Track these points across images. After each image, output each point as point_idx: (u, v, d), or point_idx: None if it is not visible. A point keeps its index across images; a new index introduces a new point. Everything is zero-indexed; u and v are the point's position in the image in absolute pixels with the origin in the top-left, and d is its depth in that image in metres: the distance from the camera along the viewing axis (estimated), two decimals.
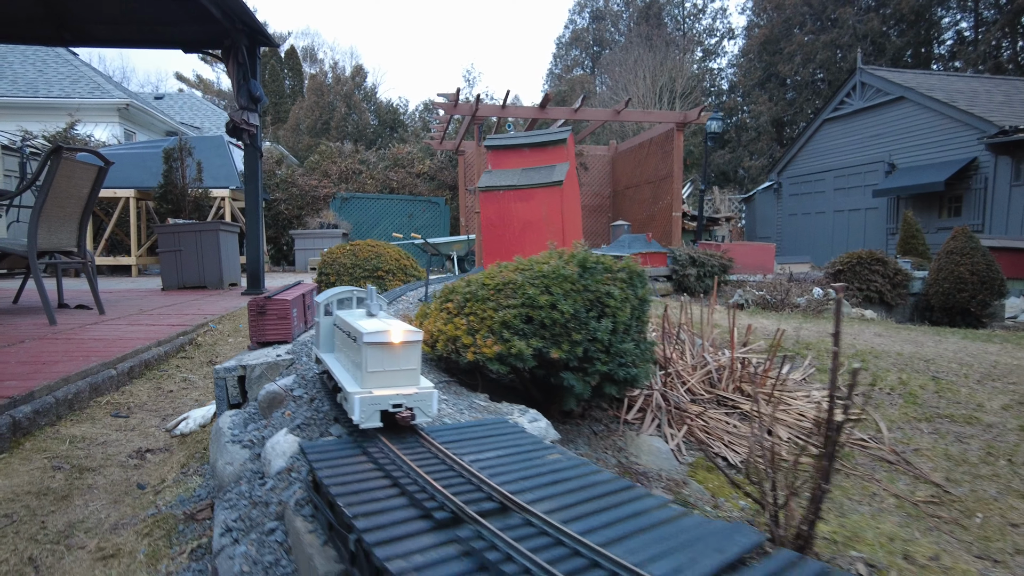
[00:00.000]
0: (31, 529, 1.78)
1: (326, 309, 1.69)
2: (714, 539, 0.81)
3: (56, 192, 4.34)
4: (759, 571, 0.72)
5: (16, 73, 16.95)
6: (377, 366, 1.26)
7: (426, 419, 1.31)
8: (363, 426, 1.22)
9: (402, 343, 1.29)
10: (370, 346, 1.25)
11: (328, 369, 1.54)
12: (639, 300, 2.07)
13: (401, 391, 1.27)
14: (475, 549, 0.74)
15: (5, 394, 2.48)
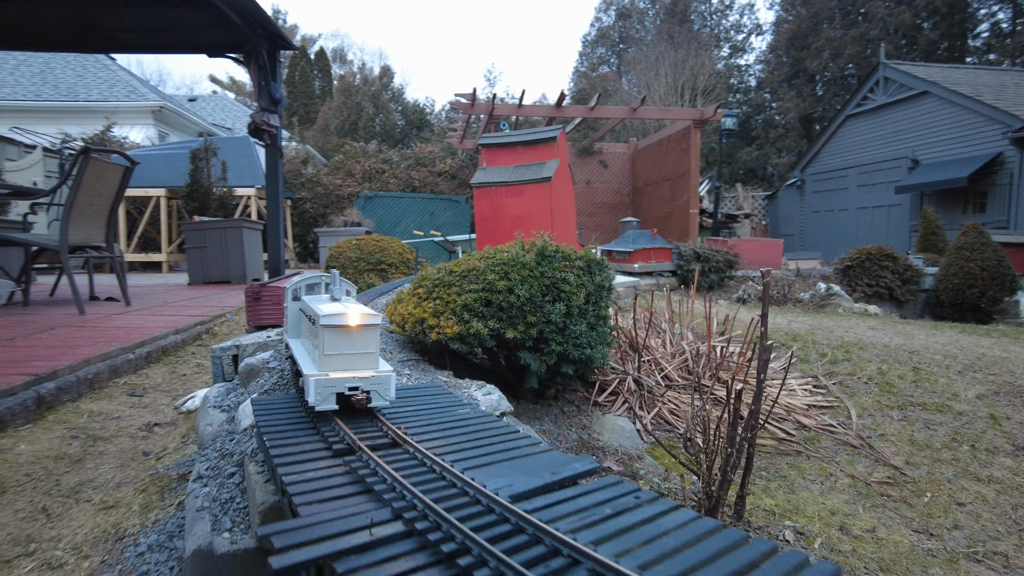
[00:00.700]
0: (47, 485, 2.01)
1: (294, 294, 1.69)
2: (555, 465, 0.97)
3: (85, 190, 4.64)
4: (585, 488, 0.87)
5: (58, 79, 17.67)
6: (334, 349, 1.25)
7: (383, 402, 1.28)
8: (318, 408, 1.21)
9: (359, 326, 1.28)
10: (327, 328, 1.24)
11: (292, 353, 1.54)
12: (596, 287, 2.22)
13: (358, 374, 1.25)
14: (353, 468, 0.91)
15: (31, 372, 2.74)
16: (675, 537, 0.72)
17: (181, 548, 1.52)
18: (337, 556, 0.68)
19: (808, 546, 1.81)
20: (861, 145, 13.91)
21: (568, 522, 0.74)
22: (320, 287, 1.70)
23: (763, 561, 0.68)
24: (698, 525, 0.76)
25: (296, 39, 46.15)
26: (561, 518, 0.76)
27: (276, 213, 7.46)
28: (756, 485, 2.27)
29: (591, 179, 14.77)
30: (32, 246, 4.77)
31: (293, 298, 1.69)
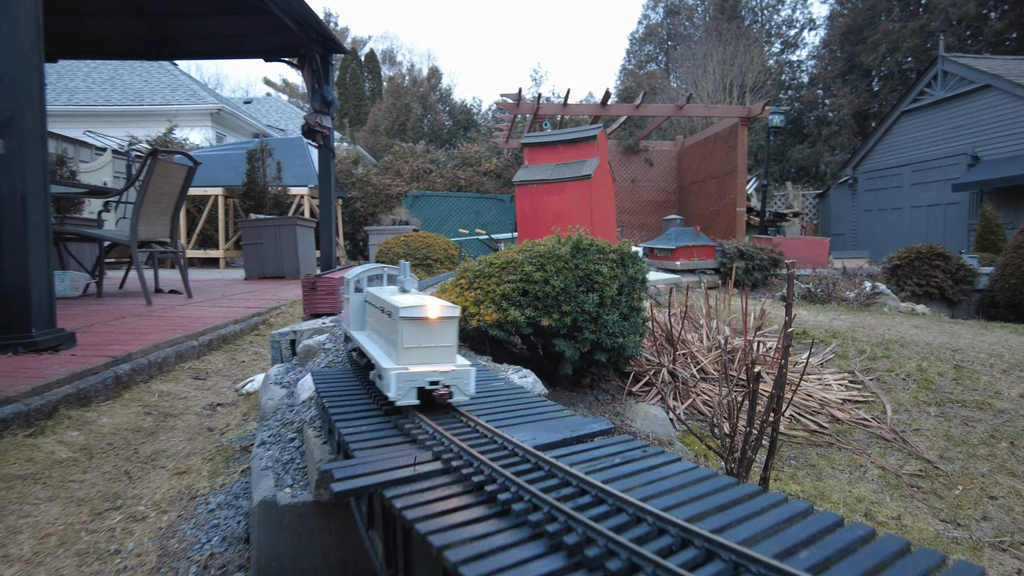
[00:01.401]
0: (127, 453, 2.23)
1: (356, 286, 1.67)
2: (575, 425, 1.09)
3: (153, 189, 4.96)
4: (600, 443, 0.99)
5: (126, 84, 18.62)
6: (413, 342, 1.21)
7: (463, 398, 1.24)
8: (399, 403, 1.16)
9: (439, 318, 1.24)
10: (406, 321, 1.21)
11: (360, 346, 1.50)
12: (629, 278, 2.32)
13: (438, 368, 1.22)
14: (399, 424, 1.05)
15: (110, 355, 3.00)
16: (673, 480, 0.83)
17: (245, 507, 1.70)
18: (385, 485, 0.81)
19: None
20: (917, 142, 13.46)
21: (582, 467, 0.86)
22: (382, 279, 1.67)
23: (746, 499, 0.79)
24: (696, 472, 0.87)
25: (347, 42, 47.20)
26: (577, 464, 0.88)
27: (328, 211, 7.76)
28: (784, 473, 2.33)
29: (636, 177, 14.74)
30: (105, 241, 5.13)
31: (355, 289, 1.67)
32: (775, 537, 0.69)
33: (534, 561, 0.64)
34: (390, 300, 1.32)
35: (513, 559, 0.64)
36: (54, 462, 2.11)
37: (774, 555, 0.63)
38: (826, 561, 0.64)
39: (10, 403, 2.28)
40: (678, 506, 0.75)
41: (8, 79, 2.89)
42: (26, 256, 2.91)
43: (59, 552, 1.56)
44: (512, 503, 0.73)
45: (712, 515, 0.74)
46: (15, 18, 2.86)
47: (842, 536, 0.70)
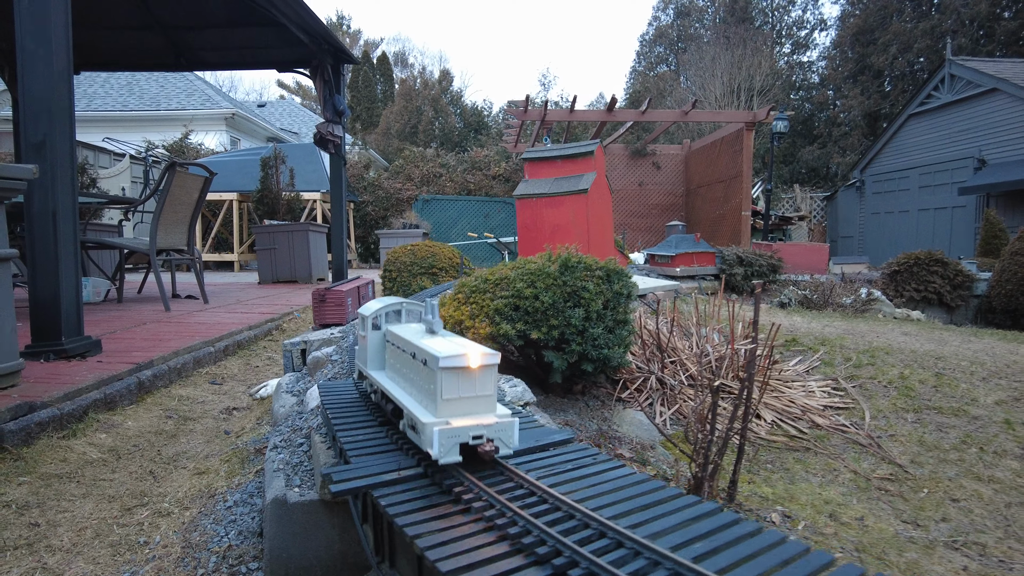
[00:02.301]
0: (151, 454, 2.43)
1: (374, 323, 1.58)
2: (540, 436, 1.26)
3: (171, 199, 5.19)
4: (558, 451, 1.17)
5: (143, 89, 19.00)
6: (453, 393, 1.15)
7: (508, 451, 1.16)
8: (443, 461, 1.09)
9: (480, 367, 1.17)
10: (446, 371, 1.14)
11: (382, 389, 1.40)
12: (614, 294, 2.49)
13: (481, 420, 1.15)
14: (390, 433, 1.23)
15: (133, 361, 3.21)
16: (612, 484, 1.00)
17: (259, 504, 1.89)
18: (375, 486, 0.99)
19: (792, 528, 2.03)
20: (924, 145, 13.49)
21: (535, 473, 1.04)
22: (401, 314, 1.60)
23: (669, 500, 0.96)
24: (633, 478, 1.04)
25: (359, 44, 47.61)
26: (532, 470, 1.05)
27: (339, 217, 7.98)
28: (759, 476, 2.49)
29: (644, 181, 14.87)
30: (126, 249, 5.37)
31: (373, 327, 1.58)
32: (680, 531, 0.86)
33: (479, 536, 0.81)
34: (423, 346, 1.23)
35: (468, 544, 0.81)
36: (86, 462, 2.32)
37: (671, 547, 0.80)
38: (715, 550, 0.81)
39: (45, 408, 2.49)
40: (608, 506, 0.92)
41: (43, 104, 3.11)
42: (56, 269, 3.12)
43: (95, 543, 1.76)
44: (473, 502, 0.91)
45: (635, 513, 0.91)
46: (49, 47, 3.08)
47: (737, 530, 0.87)
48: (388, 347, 1.55)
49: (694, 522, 0.88)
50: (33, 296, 3.14)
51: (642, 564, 0.75)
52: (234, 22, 7.02)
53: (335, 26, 48.05)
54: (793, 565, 0.78)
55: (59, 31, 3.10)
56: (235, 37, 7.44)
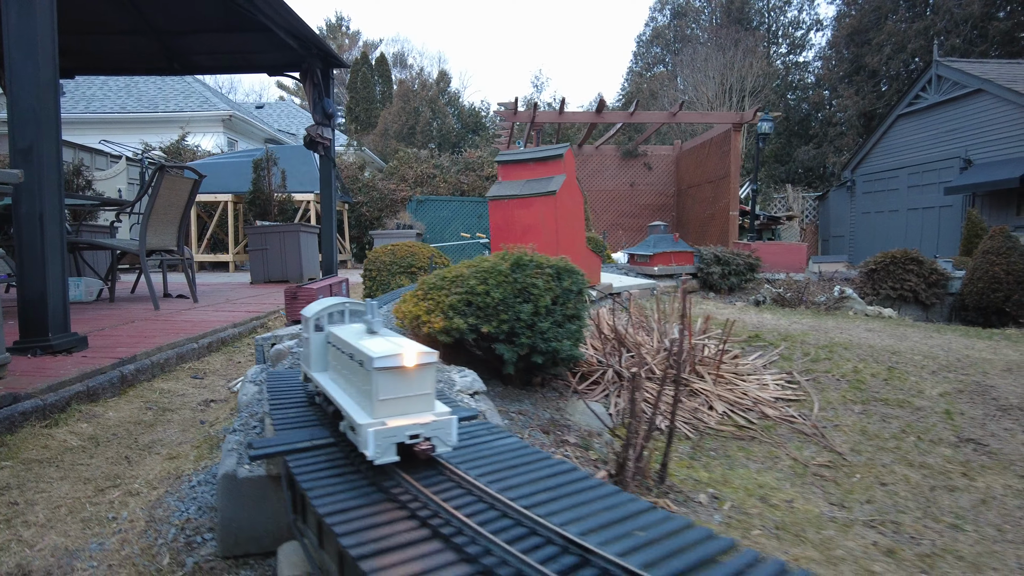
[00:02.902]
0: (128, 442, 2.59)
1: (316, 324, 1.57)
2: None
3: (160, 202, 5.35)
4: (472, 424, 1.32)
5: (141, 91, 19.18)
6: (389, 393, 1.15)
7: (446, 448, 1.18)
8: (378, 462, 1.10)
9: (417, 366, 1.18)
10: (381, 371, 1.14)
11: (324, 391, 1.41)
12: (563, 290, 2.64)
13: (418, 420, 1.16)
14: (315, 411, 1.39)
15: (117, 356, 3.37)
16: (494, 449, 1.16)
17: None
18: (287, 453, 1.14)
19: (719, 508, 2.18)
20: (913, 145, 13.63)
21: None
22: (344, 315, 1.58)
23: (537, 460, 1.11)
24: (520, 445, 1.20)
25: (358, 45, 47.80)
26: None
27: (329, 218, 8.13)
28: (700, 462, 2.64)
29: (635, 181, 15.03)
30: (117, 250, 5.52)
31: (316, 328, 1.57)
32: (574, 511, 0.98)
33: (363, 488, 0.96)
34: (360, 346, 1.22)
35: (344, 496, 0.97)
36: (66, 449, 2.47)
37: (561, 524, 0.94)
38: (620, 535, 0.96)
39: (29, 399, 2.65)
40: (485, 466, 1.07)
41: (29, 112, 3.27)
42: (44, 269, 3.28)
43: (68, 519, 1.91)
44: (363, 464, 1.06)
45: (506, 471, 1.06)
46: (36, 60, 3.23)
47: (649, 517, 0.99)
48: (330, 348, 1.53)
49: (590, 503, 0.96)
50: (21, 294, 3.30)
51: (522, 532, 0.88)
52: (226, 28, 7.17)
53: (334, 27, 48.30)
54: (693, 551, 0.83)
55: (45, 45, 3.25)
56: (227, 42, 7.60)
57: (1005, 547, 2.12)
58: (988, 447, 2.90)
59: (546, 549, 0.79)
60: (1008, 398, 3.32)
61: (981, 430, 3.04)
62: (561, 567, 0.73)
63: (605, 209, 14.96)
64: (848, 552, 2.01)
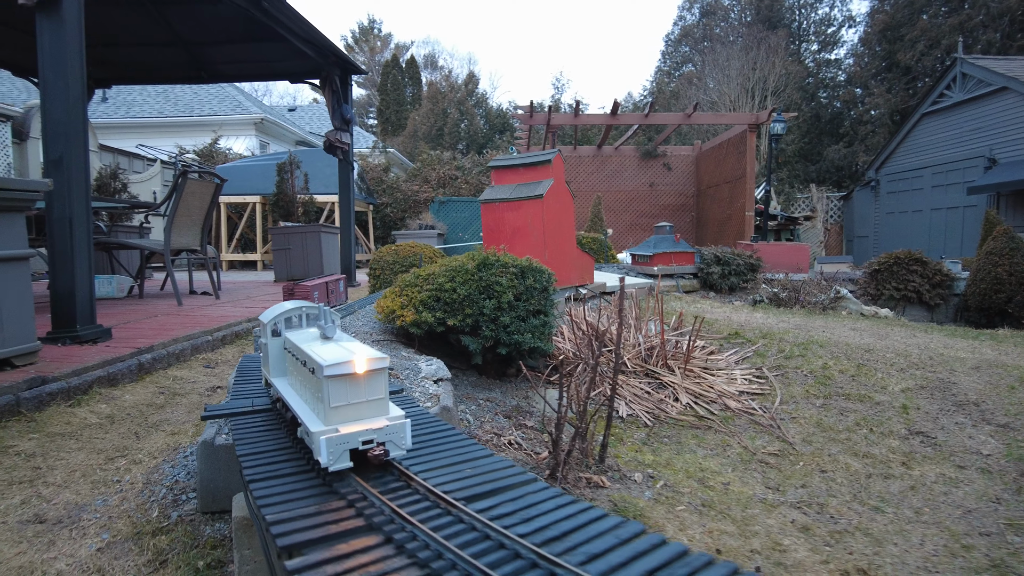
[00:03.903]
0: (139, 420, 2.92)
1: (273, 329, 1.56)
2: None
3: (183, 205, 5.74)
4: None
5: (178, 96, 19.94)
6: (341, 399, 1.16)
7: (400, 452, 1.21)
8: (332, 468, 1.13)
9: (368, 372, 1.18)
10: (332, 379, 1.15)
11: (282, 397, 1.41)
12: (527, 287, 2.89)
13: (370, 425, 1.17)
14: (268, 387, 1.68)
15: (136, 346, 3.72)
16: (419, 423, 1.42)
17: None
18: (230, 416, 1.42)
19: (652, 486, 2.40)
20: (937, 144, 13.44)
21: None
22: (301, 319, 1.58)
23: (452, 439, 1.36)
24: (433, 419, 1.45)
25: (390, 47, 48.57)
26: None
27: (347, 220, 8.50)
28: (650, 447, 2.86)
29: (655, 181, 15.11)
30: (144, 250, 5.94)
31: (273, 333, 1.57)
32: (453, 467, 1.23)
33: (282, 440, 1.23)
34: (312, 353, 1.23)
35: (253, 441, 1.23)
36: (85, 425, 2.81)
37: (478, 510, 1.19)
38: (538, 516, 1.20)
39: (56, 381, 3.00)
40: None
41: (60, 126, 3.64)
42: (72, 267, 3.65)
43: (80, 481, 2.23)
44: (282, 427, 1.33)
45: (424, 447, 1.31)
46: (66, 79, 3.60)
47: (571, 508, 1.22)
48: (286, 354, 1.53)
49: (512, 488, 1.12)
50: (53, 290, 3.67)
51: (437, 511, 1.11)
52: (249, 38, 7.56)
53: (366, 30, 49.15)
54: (613, 534, 0.91)
55: (74, 65, 3.62)
56: (251, 52, 8.00)
57: (916, 527, 2.29)
58: (935, 439, 3.05)
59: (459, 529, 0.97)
60: (967, 394, 3.45)
61: (932, 424, 3.19)
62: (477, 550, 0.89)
63: (624, 209, 15.09)
64: (765, 528, 2.21)
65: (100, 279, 5.97)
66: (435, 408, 2.19)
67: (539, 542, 0.89)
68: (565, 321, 4.14)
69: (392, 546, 0.91)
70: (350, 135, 8.48)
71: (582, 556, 0.86)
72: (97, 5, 6.48)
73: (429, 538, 0.91)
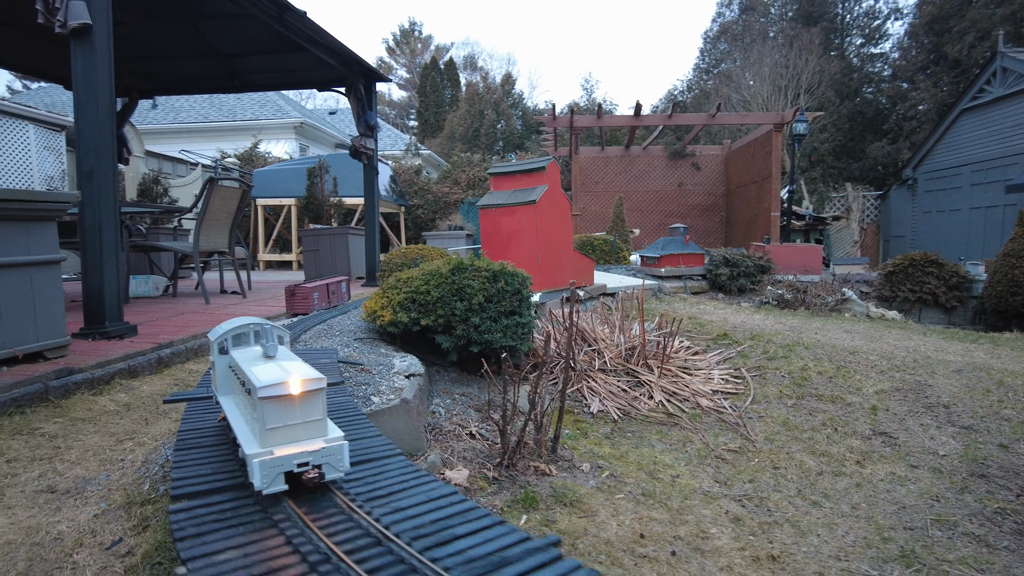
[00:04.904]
0: (152, 408, 3.24)
1: (220, 347, 1.53)
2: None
3: (212, 209, 6.14)
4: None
5: (221, 102, 20.78)
6: (276, 421, 1.15)
7: (338, 474, 1.19)
8: (267, 491, 1.11)
9: (303, 393, 1.17)
10: (267, 400, 1.14)
11: (227, 417, 1.39)
12: (498, 290, 3.10)
13: (306, 447, 1.15)
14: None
15: (157, 341, 4.08)
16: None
17: None
18: (187, 400, 1.68)
19: (598, 475, 2.58)
20: (976, 141, 13.03)
21: None
22: (248, 336, 1.55)
23: (365, 431, 1.59)
24: (354, 409, 1.68)
25: (430, 49, 49.27)
26: None
27: (372, 222, 8.84)
28: (609, 440, 3.04)
29: (684, 181, 15.08)
30: (177, 252, 6.37)
31: (220, 351, 1.55)
32: (397, 488, 1.46)
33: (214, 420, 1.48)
34: (249, 373, 1.22)
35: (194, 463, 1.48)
36: (104, 412, 3.15)
37: (386, 510, 1.43)
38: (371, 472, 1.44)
39: (81, 372, 3.35)
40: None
41: (91, 141, 4.01)
42: (101, 270, 4.02)
43: (91, 459, 2.54)
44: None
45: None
46: (96, 99, 3.97)
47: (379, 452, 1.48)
48: (232, 373, 1.50)
49: (417, 487, 1.38)
50: (85, 290, 4.05)
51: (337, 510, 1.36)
52: (277, 48, 7.95)
53: (407, 32, 49.95)
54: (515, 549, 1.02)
55: (103, 86, 3.99)
56: (279, 62, 8.41)
57: (846, 520, 2.42)
58: (896, 440, 3.14)
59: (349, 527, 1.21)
60: (940, 397, 3.51)
61: (897, 425, 3.27)
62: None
63: (652, 210, 15.11)
64: (698, 517, 2.38)
65: (137, 279, 6.43)
66: (396, 400, 2.43)
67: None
68: (557, 322, 4.33)
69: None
70: (374, 141, 8.82)
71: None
72: (140, 23, 6.98)
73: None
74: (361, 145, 8.71)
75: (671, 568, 1.97)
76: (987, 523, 2.38)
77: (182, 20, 6.95)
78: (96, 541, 1.95)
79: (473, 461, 2.47)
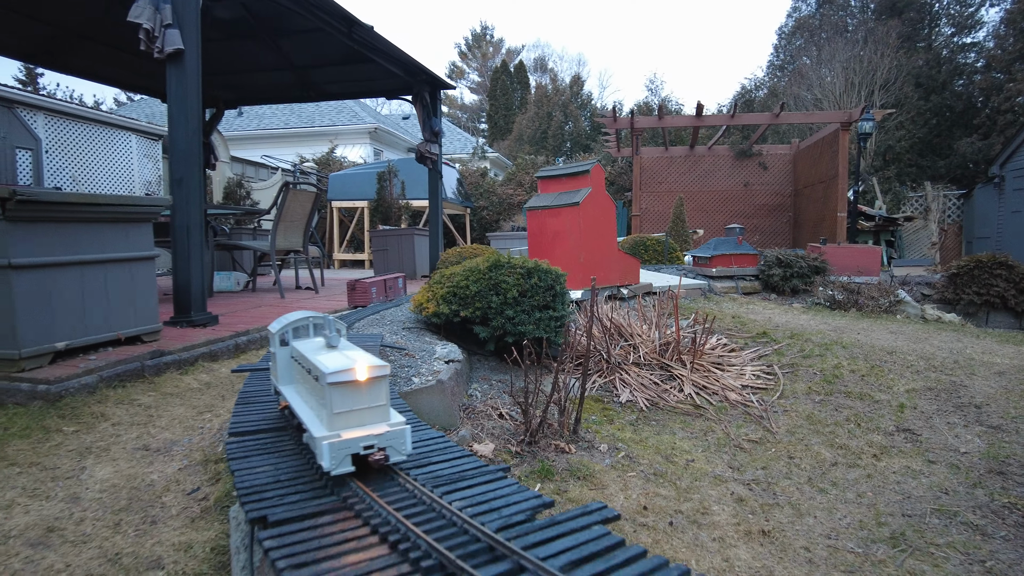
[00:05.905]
0: (228, 387, 3.69)
1: (281, 339, 1.60)
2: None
3: (287, 212, 6.69)
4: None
5: (302, 108, 21.95)
6: (344, 406, 1.20)
7: (400, 457, 1.24)
8: (335, 473, 1.16)
9: (369, 379, 1.22)
10: (335, 386, 1.19)
11: (289, 404, 1.45)
12: (531, 286, 3.37)
13: (372, 431, 1.21)
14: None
15: (235, 330, 4.58)
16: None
17: None
18: (251, 370, 2.03)
19: (614, 456, 2.81)
20: None
21: None
22: (308, 329, 1.63)
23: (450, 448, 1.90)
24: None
25: (501, 52, 49.94)
26: None
27: (435, 224, 9.29)
28: (633, 426, 3.25)
29: (750, 181, 14.85)
30: (256, 250, 6.97)
31: (281, 343, 1.62)
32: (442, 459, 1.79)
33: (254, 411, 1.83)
34: (315, 361, 1.28)
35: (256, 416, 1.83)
36: (189, 389, 3.63)
37: (431, 478, 1.75)
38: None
39: (171, 354, 3.86)
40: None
41: (182, 153, 4.55)
42: (188, 265, 4.55)
43: (177, 426, 2.99)
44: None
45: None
46: (187, 114, 4.51)
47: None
48: (293, 363, 1.57)
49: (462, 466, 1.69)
50: (175, 284, 4.60)
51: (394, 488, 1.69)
52: (346, 60, 8.51)
53: (479, 36, 50.84)
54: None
55: (192, 103, 4.52)
56: (349, 72, 8.98)
57: (847, 506, 2.55)
58: (919, 436, 3.20)
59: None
60: (973, 397, 3.52)
61: (923, 423, 3.33)
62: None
63: (718, 210, 14.95)
64: (703, 496, 2.57)
65: (220, 275, 7.07)
66: (433, 381, 2.75)
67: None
68: (596, 319, 4.55)
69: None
70: (439, 146, 9.26)
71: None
72: (227, 40, 7.65)
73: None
74: (426, 150, 9.17)
75: (667, 536, 2.19)
76: (990, 515, 2.46)
77: (263, 36, 7.58)
78: (180, 488, 2.35)
79: (500, 437, 2.75)
